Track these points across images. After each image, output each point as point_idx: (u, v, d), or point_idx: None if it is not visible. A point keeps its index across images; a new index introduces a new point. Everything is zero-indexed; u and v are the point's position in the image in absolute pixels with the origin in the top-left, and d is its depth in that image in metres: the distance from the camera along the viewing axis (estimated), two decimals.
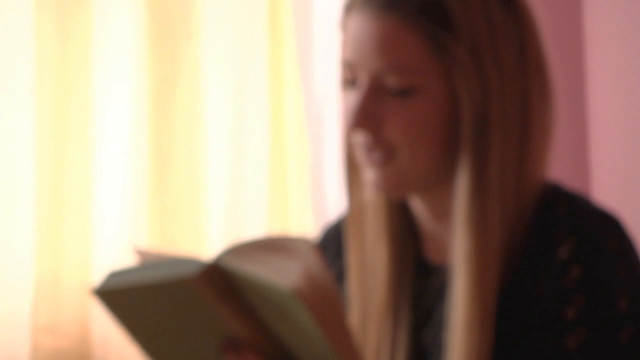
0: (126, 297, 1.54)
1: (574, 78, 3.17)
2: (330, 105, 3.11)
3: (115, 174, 3.05)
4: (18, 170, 3.02)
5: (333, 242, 1.79)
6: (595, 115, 3.40)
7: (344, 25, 1.65)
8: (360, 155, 1.65)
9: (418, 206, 1.71)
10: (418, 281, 1.71)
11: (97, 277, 1.95)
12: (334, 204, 3.09)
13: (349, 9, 1.63)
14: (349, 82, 1.62)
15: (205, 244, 3.14)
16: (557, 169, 1.73)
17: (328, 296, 1.45)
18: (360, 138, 1.62)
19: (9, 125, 3.02)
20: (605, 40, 3.38)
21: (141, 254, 1.57)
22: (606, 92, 3.35)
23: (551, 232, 1.59)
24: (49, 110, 3.05)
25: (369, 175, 1.62)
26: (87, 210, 3.04)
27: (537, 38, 1.66)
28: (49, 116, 3.05)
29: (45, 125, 3.05)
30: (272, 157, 3.16)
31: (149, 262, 1.56)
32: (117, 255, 2.99)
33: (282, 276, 1.40)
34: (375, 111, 1.59)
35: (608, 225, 1.58)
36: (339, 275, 1.66)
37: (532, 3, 1.64)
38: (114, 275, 1.50)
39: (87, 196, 3.04)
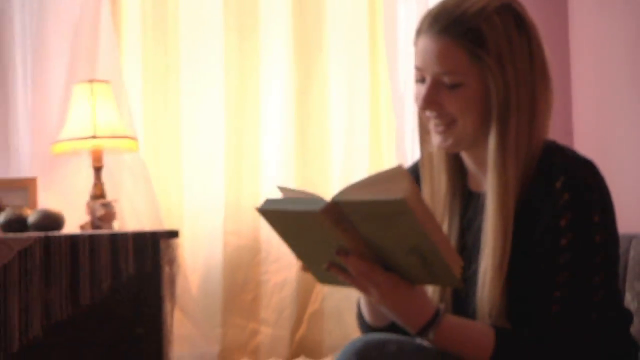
0: (276, 216, 1.83)
1: (561, 64, 3.46)
2: (408, 94, 3.52)
3: (273, 137, 3.65)
4: (214, 133, 3.60)
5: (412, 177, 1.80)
6: (576, 95, 3.70)
7: (416, 42, 1.97)
8: (430, 126, 1.99)
9: (465, 156, 2.04)
10: (464, 202, 2.06)
11: (260, 202, 1.85)
12: (411, 155, 3.52)
13: (418, 33, 1.96)
14: (419, 79, 1.96)
15: (330, 183, 3.67)
16: (551, 131, 1.98)
17: (424, 202, 1.73)
18: (429, 115, 1.96)
19: (208, 106, 3.61)
20: (586, 30, 3.66)
21: (283, 189, 1.85)
22: (585, 74, 3.66)
23: (550, 172, 1.89)
24: (232, 97, 3.63)
25: (435, 138, 1.97)
26: (257, 158, 3.63)
27: (541, 47, 1.96)
28: (232, 101, 3.62)
29: (230, 106, 3.62)
30: (371, 126, 3.70)
31: (290, 195, 1.85)
32: (274, 188, 3.10)
33: (390, 194, 1.66)
34: (435, 99, 1.93)
35: (587, 167, 1.91)
36: None
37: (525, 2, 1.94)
38: (269, 202, 1.81)
39: (256, 150, 3.64)
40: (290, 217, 1.80)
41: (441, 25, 1.90)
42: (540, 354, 1.87)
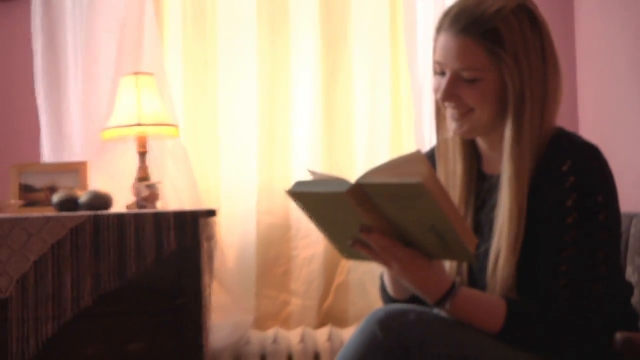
0: (305, 197, 1.83)
1: (567, 56, 3.34)
2: (426, 85, 3.44)
3: (302, 125, 3.63)
4: (248, 120, 3.60)
5: (429, 161, 1.81)
6: (581, 84, 3.64)
7: (436, 38, 1.97)
8: (446, 114, 2.00)
9: (480, 141, 2.05)
10: (478, 183, 2.06)
11: (290, 184, 1.86)
12: (429, 141, 3.44)
13: (438, 30, 1.96)
14: (439, 72, 1.97)
15: (354, 166, 3.64)
16: (558, 117, 1.98)
17: (440, 184, 1.74)
18: (448, 105, 1.97)
19: (243, 95, 3.60)
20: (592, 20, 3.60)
21: (312, 172, 1.85)
22: (589, 64, 3.62)
23: (557, 156, 1.89)
24: (265, 88, 3.62)
25: (452, 125, 1.99)
26: (287, 144, 3.63)
27: (552, 43, 1.96)
28: (265, 92, 3.62)
29: (263, 96, 3.61)
30: (392, 114, 3.66)
31: (318, 178, 1.84)
32: (303, 171, 3.41)
33: (409, 177, 1.66)
34: (455, 91, 1.94)
35: (591, 152, 1.91)
36: None
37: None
38: (298, 184, 1.81)
39: (287, 136, 3.63)
40: (317, 198, 1.80)
41: (461, 25, 1.91)
42: (548, 323, 1.86)
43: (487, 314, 1.88)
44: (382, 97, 3.69)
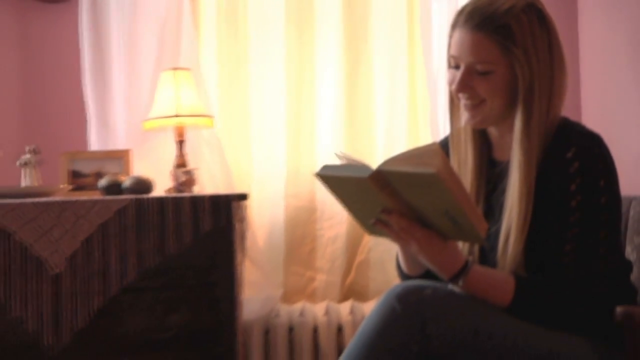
0: (330, 180, 1.86)
1: (571, 49, 3.24)
2: (440, 78, 3.44)
3: (326, 115, 3.61)
4: (277, 111, 3.59)
5: (443, 150, 1.81)
6: (584, 76, 3.61)
7: (451, 34, 1.98)
8: (460, 105, 2.02)
9: (491, 130, 2.06)
10: (489, 169, 2.07)
11: (315, 169, 1.96)
12: (443, 130, 3.40)
13: (454, 26, 1.97)
14: (453, 66, 1.98)
15: (374, 152, 3.61)
16: (563, 108, 1.99)
17: (454, 174, 1.74)
18: (462, 96, 1.97)
19: (272, 88, 3.59)
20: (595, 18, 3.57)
21: (339, 156, 1.87)
22: (592, 58, 3.59)
23: (563, 143, 1.90)
24: (292, 81, 3.59)
25: (465, 116, 2.00)
26: (313, 133, 3.60)
27: (558, 39, 1.97)
28: (292, 85, 3.59)
29: (290, 89, 3.59)
30: (409, 105, 3.63)
31: (343, 163, 1.85)
32: (329, 156, 3.37)
33: (425, 167, 1.67)
34: (468, 83, 1.95)
35: (594, 140, 1.93)
36: None
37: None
38: (325, 168, 1.84)
39: (312, 126, 3.61)
40: (342, 181, 1.83)
41: (476, 22, 1.91)
42: (553, 298, 1.87)
43: (497, 289, 1.88)
44: (399, 90, 3.66)
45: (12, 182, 3.13)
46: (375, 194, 1.78)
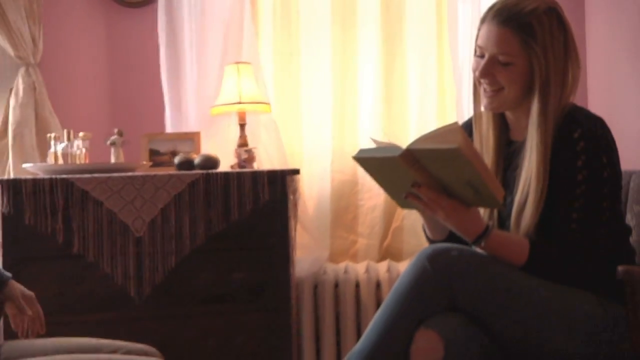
0: (366, 161, 1.87)
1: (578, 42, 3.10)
2: (465, 68, 3.40)
3: (366, 101, 3.55)
4: (324, 99, 3.54)
5: (466, 130, 2.03)
6: (590, 69, 3.53)
7: (480, 27, 1.97)
8: (481, 92, 2.00)
9: (508, 114, 2.05)
10: (507, 147, 2.06)
11: (359, 147, 2.13)
12: (467, 112, 3.30)
13: (482, 20, 1.97)
14: (479, 55, 1.97)
15: (408, 134, 3.54)
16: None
17: (473, 148, 1.76)
18: (483, 82, 1.96)
19: (320, 79, 3.54)
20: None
21: (374, 140, 1.89)
22: (598, 52, 3.52)
23: (571, 126, 1.90)
24: (337, 73, 3.54)
25: (484, 101, 1.99)
26: (355, 117, 3.56)
27: (573, 39, 1.96)
28: (337, 76, 3.54)
29: (336, 79, 3.54)
30: (438, 92, 3.59)
31: (377, 145, 1.87)
32: (367, 138, 3.10)
33: (448, 144, 1.68)
34: (490, 71, 1.94)
35: (597, 122, 1.93)
36: None
37: None
38: (361, 151, 1.86)
39: (354, 111, 3.57)
40: (376, 162, 1.83)
41: (503, 18, 1.90)
42: (563, 258, 1.86)
43: (514, 250, 1.88)
44: (429, 80, 3.62)
45: (102, 159, 3.14)
46: (405, 171, 1.78)
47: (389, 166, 1.80)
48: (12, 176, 3.01)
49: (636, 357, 1.83)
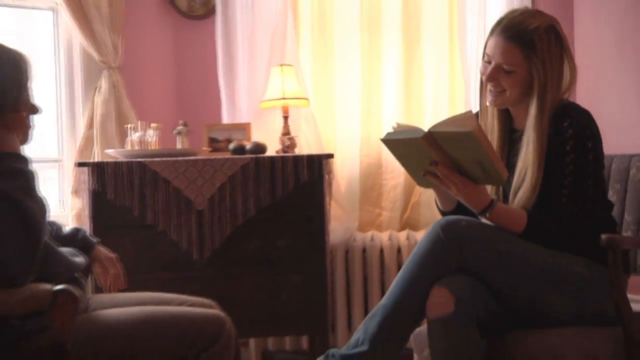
0: (392, 142, 1.84)
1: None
2: (473, 69, 3.34)
3: (390, 96, 3.51)
4: (354, 94, 3.51)
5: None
6: (579, 66, 3.32)
7: (489, 38, 1.94)
8: (486, 91, 1.98)
9: (512, 109, 2.01)
10: (509, 135, 2.03)
11: (383, 132, 2.11)
12: (474, 106, 2.94)
13: (492, 32, 1.93)
14: (487, 61, 1.94)
15: (423, 126, 3.19)
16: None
17: (484, 133, 1.76)
18: (489, 85, 1.95)
19: (350, 78, 3.50)
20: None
21: (399, 125, 1.87)
22: (584, 53, 3.40)
23: (562, 117, 1.88)
24: (365, 72, 3.51)
25: (489, 99, 1.98)
26: (379, 109, 3.52)
27: (570, 52, 1.93)
28: (365, 75, 3.51)
29: (364, 78, 3.50)
30: (450, 89, 3.56)
31: (402, 129, 1.85)
32: (389, 129, 3.12)
33: (463, 128, 1.68)
34: (495, 76, 1.92)
35: (584, 114, 1.91)
36: None
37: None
38: (388, 134, 1.84)
39: (379, 104, 3.53)
40: (401, 142, 1.81)
41: (509, 34, 1.87)
42: (555, 227, 1.85)
43: (513, 220, 1.87)
44: (442, 79, 3.59)
45: (170, 145, 3.13)
46: (425, 150, 1.76)
47: (412, 146, 1.78)
48: (97, 160, 3.03)
49: (615, 311, 1.82)
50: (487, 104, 2.01)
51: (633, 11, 3.22)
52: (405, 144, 1.81)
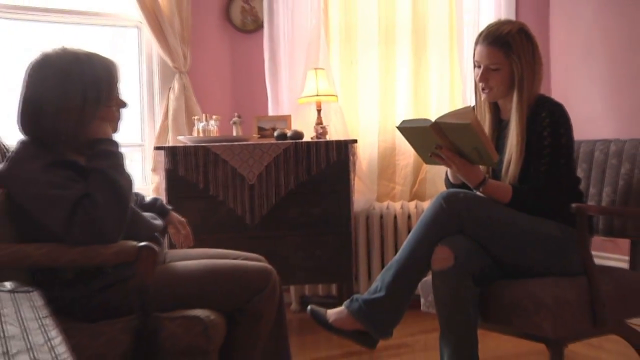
0: (406, 130, 1.81)
1: (543, 46, 2.88)
2: (469, 73, 3.22)
3: (402, 94, 3.46)
4: (372, 92, 3.42)
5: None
6: (553, 68, 3.42)
7: (475, 47, 1.92)
8: (479, 88, 1.96)
9: (500, 102, 1.97)
10: (499, 124, 2.00)
11: (397, 122, 2.05)
12: (469, 101, 3.20)
13: (476, 43, 1.91)
14: (477, 66, 1.93)
15: (430, 115, 3.39)
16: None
17: (480, 124, 1.74)
18: (481, 83, 1.92)
19: (370, 80, 3.42)
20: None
21: (404, 121, 1.83)
22: (559, 53, 3.40)
23: (540, 108, 1.85)
24: (382, 75, 3.44)
25: (482, 95, 1.95)
26: (394, 104, 3.47)
27: (538, 49, 1.89)
28: (382, 77, 3.44)
29: (382, 80, 3.44)
30: (450, 89, 3.50)
31: (414, 119, 1.85)
32: (401, 118, 2.95)
33: (464, 120, 1.66)
34: (485, 77, 1.90)
35: (558, 106, 1.87)
36: None
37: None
38: (403, 122, 1.82)
39: (393, 100, 3.46)
40: (413, 130, 1.78)
41: (489, 40, 1.85)
42: (535, 197, 1.82)
43: (502, 193, 1.85)
44: (444, 80, 3.52)
45: (227, 133, 3.12)
46: (432, 137, 1.75)
47: (422, 133, 1.76)
48: (171, 144, 3.04)
49: (581, 265, 1.81)
50: (482, 99, 1.98)
51: (600, 18, 3.15)
52: (416, 131, 1.79)
